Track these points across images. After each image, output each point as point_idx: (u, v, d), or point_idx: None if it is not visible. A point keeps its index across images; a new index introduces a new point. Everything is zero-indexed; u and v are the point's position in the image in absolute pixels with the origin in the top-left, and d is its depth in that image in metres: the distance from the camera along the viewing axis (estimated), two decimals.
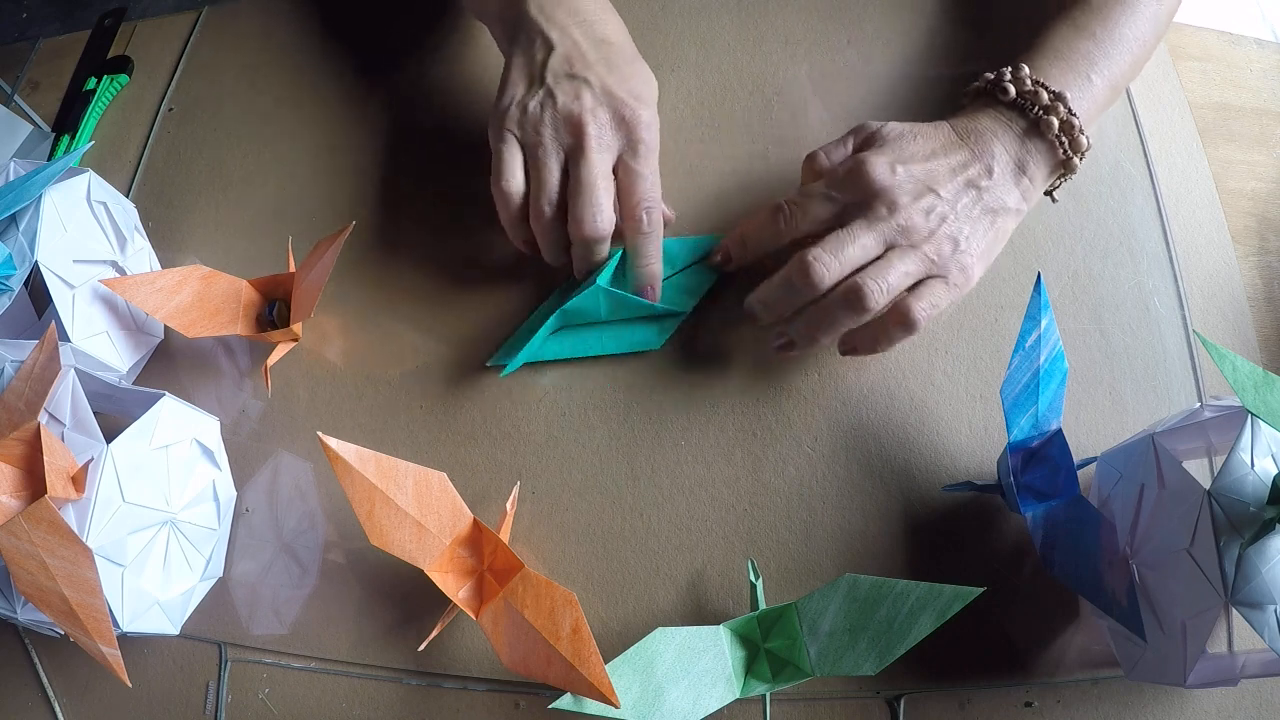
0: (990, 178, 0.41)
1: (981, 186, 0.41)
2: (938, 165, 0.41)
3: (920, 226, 0.40)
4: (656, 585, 0.41)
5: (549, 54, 0.44)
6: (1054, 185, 0.44)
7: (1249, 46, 0.53)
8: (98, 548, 0.34)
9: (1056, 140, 0.41)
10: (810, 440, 0.43)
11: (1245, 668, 0.34)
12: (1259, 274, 0.46)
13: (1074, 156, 0.42)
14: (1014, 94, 0.42)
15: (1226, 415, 0.34)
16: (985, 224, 0.41)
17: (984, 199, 0.41)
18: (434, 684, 0.40)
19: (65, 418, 0.36)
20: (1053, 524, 0.36)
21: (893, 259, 0.39)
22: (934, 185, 0.40)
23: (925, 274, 0.40)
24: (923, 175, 0.41)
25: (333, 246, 0.44)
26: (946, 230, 0.40)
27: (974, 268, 0.41)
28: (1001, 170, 0.42)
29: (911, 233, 0.40)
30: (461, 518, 0.38)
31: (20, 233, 0.40)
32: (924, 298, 0.39)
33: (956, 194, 0.41)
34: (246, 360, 0.48)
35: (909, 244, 0.40)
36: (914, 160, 0.41)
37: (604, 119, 0.43)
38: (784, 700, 0.39)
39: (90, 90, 0.56)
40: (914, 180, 0.40)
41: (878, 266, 0.39)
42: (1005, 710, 0.38)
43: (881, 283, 0.39)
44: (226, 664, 0.41)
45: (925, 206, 0.40)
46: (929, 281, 0.40)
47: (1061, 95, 0.41)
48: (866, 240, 0.39)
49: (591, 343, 0.45)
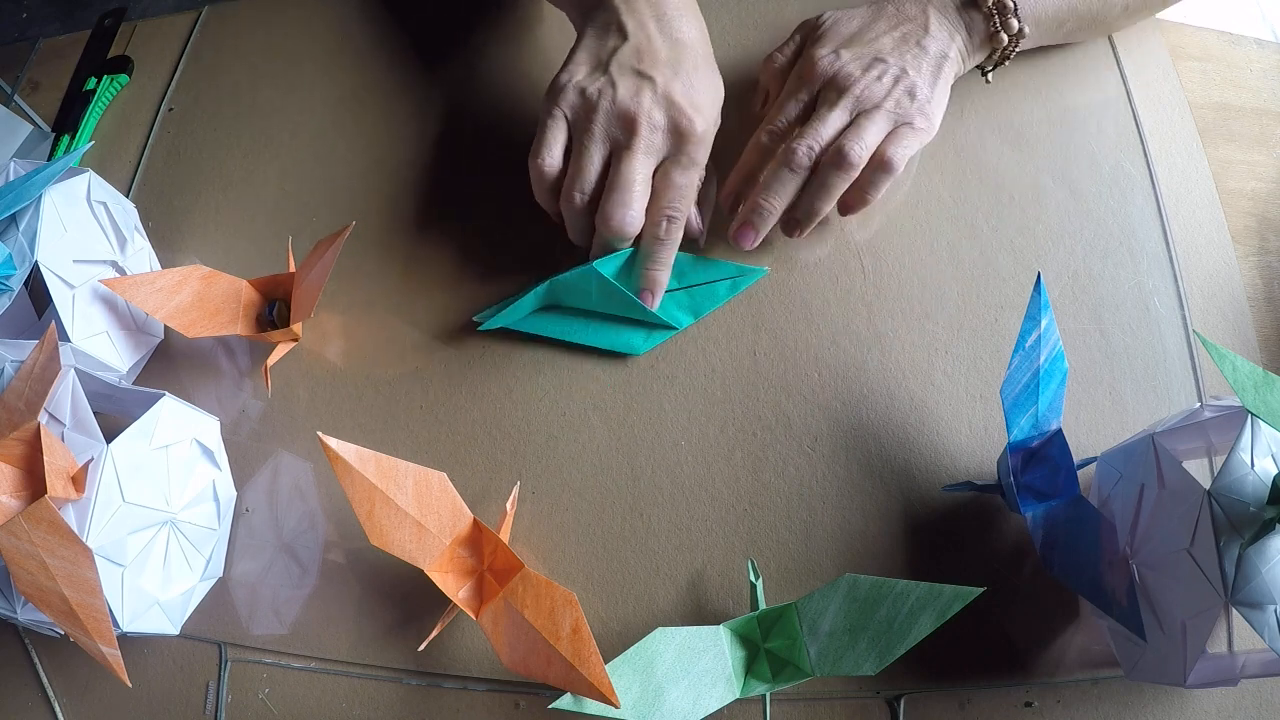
0: (928, 33, 0.46)
1: (922, 43, 0.45)
2: (880, 39, 0.46)
3: (877, 91, 0.44)
4: (656, 585, 0.41)
5: (621, 43, 0.44)
6: (987, 66, 0.48)
7: (1249, 46, 0.53)
8: (98, 548, 0.34)
9: (989, 13, 0.45)
10: (810, 440, 0.43)
11: (1245, 668, 0.34)
12: (1259, 274, 0.46)
13: (1002, 33, 0.46)
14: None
15: (1226, 415, 0.34)
16: (932, 71, 0.45)
17: (928, 50, 0.45)
18: (434, 684, 0.40)
19: (65, 418, 0.36)
20: (1053, 524, 0.36)
21: (862, 122, 0.43)
22: (880, 55, 0.45)
23: (894, 125, 0.44)
24: (866, 50, 0.45)
25: (333, 246, 0.44)
26: (902, 86, 0.44)
27: (934, 113, 0.45)
28: (937, 24, 0.46)
29: (870, 98, 0.44)
30: (461, 518, 0.38)
31: (20, 233, 0.40)
32: (896, 143, 0.44)
33: (901, 54, 0.45)
34: (246, 360, 0.48)
35: (873, 106, 0.44)
36: (855, 40, 0.46)
37: (659, 122, 0.43)
38: (784, 700, 0.39)
39: (90, 90, 0.56)
40: (859, 57, 0.45)
41: (851, 131, 0.43)
42: (1005, 710, 0.38)
43: (859, 143, 0.43)
44: (226, 664, 0.41)
45: (877, 74, 0.44)
46: (898, 129, 0.44)
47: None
48: (833, 117, 0.44)
49: (576, 329, 0.46)
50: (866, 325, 0.45)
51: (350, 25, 0.59)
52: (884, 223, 0.48)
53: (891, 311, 0.46)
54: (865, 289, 0.46)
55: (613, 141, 0.43)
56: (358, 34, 0.58)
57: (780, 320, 0.46)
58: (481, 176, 0.51)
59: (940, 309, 0.45)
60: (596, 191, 0.44)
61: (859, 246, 0.47)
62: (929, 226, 0.47)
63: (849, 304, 0.46)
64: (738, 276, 0.46)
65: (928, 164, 0.49)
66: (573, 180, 0.43)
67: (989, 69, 0.49)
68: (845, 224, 0.48)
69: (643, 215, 0.43)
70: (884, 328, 0.45)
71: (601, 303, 0.45)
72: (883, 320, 0.45)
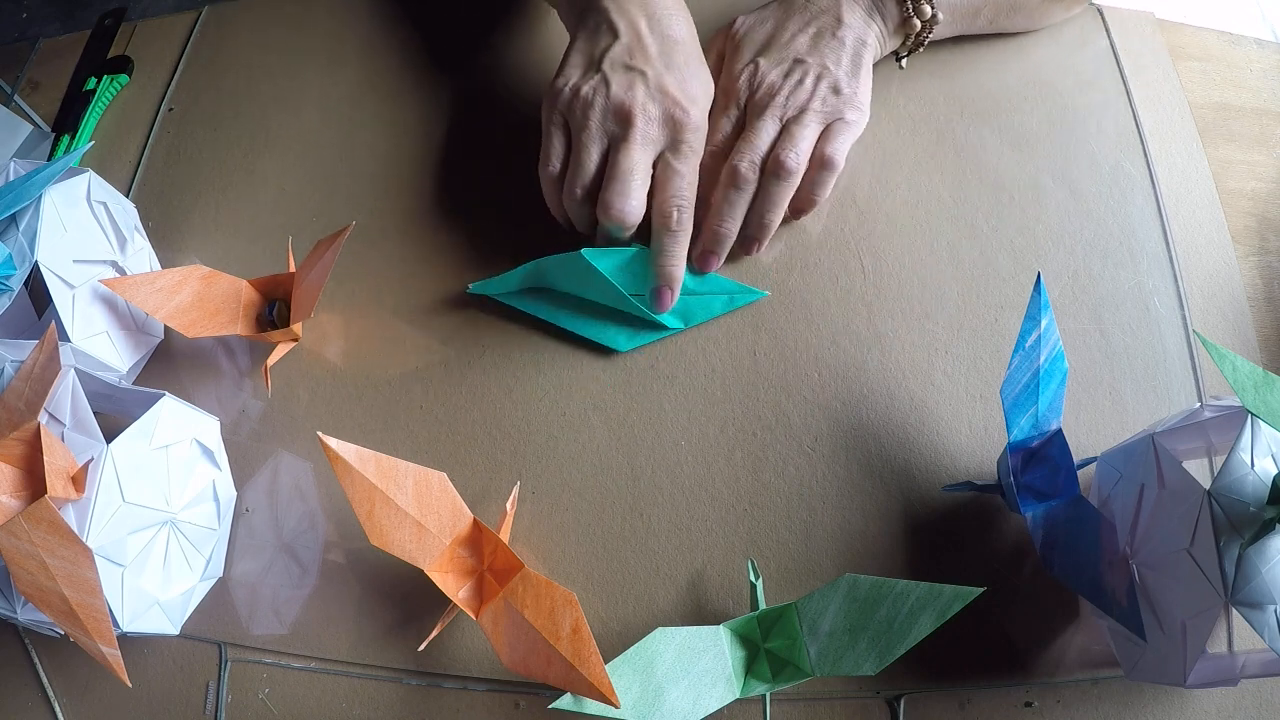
0: (842, 23, 0.46)
1: (838, 34, 0.46)
2: (793, 37, 0.46)
3: (801, 95, 0.45)
4: (656, 585, 0.41)
5: (612, 43, 0.45)
6: (902, 52, 0.49)
7: (1249, 46, 0.53)
8: (98, 548, 0.34)
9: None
10: (810, 440, 0.43)
11: (1245, 668, 0.34)
12: (1259, 274, 0.46)
13: (915, 18, 0.46)
14: None
15: (1226, 415, 0.34)
16: (852, 62, 0.46)
17: (844, 42, 0.46)
18: (434, 684, 0.40)
19: (65, 418, 0.36)
20: (1053, 524, 0.36)
21: (793, 129, 0.44)
22: (797, 56, 0.45)
23: (826, 124, 0.45)
24: (783, 53, 0.46)
25: (333, 246, 0.44)
26: (826, 84, 0.45)
27: (863, 101, 0.46)
28: (849, 13, 0.46)
29: (796, 103, 0.45)
30: (461, 518, 0.38)
31: (20, 233, 0.40)
32: (831, 140, 0.45)
33: (818, 51, 0.45)
34: (246, 360, 0.48)
35: (802, 108, 0.44)
36: (771, 45, 0.46)
37: (654, 114, 0.43)
38: (784, 700, 0.39)
39: (90, 90, 0.56)
40: (777, 63, 0.46)
41: (785, 139, 0.44)
42: (1005, 710, 0.38)
43: (793, 150, 0.44)
44: (226, 664, 0.41)
45: (798, 77, 0.45)
46: (831, 127, 0.45)
47: None
48: (766, 128, 0.44)
49: (563, 315, 0.46)
50: (866, 325, 0.45)
51: (350, 25, 0.59)
52: (884, 223, 0.48)
53: (891, 311, 0.46)
54: (865, 289, 0.46)
55: (610, 136, 0.44)
56: (358, 34, 0.58)
57: (780, 320, 0.46)
58: (484, 176, 0.51)
59: (940, 309, 0.45)
60: (595, 185, 0.44)
61: (859, 246, 0.47)
62: (929, 226, 0.47)
63: (849, 304, 0.46)
64: (736, 294, 0.46)
65: (928, 164, 0.49)
66: (573, 176, 0.44)
67: (904, 55, 0.49)
68: (845, 224, 0.48)
69: (643, 204, 0.43)
70: (884, 328, 0.45)
71: (590, 291, 0.45)
72: (883, 320, 0.45)
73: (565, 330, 0.46)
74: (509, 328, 0.47)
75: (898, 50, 0.49)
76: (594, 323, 0.46)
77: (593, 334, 0.45)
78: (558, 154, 0.45)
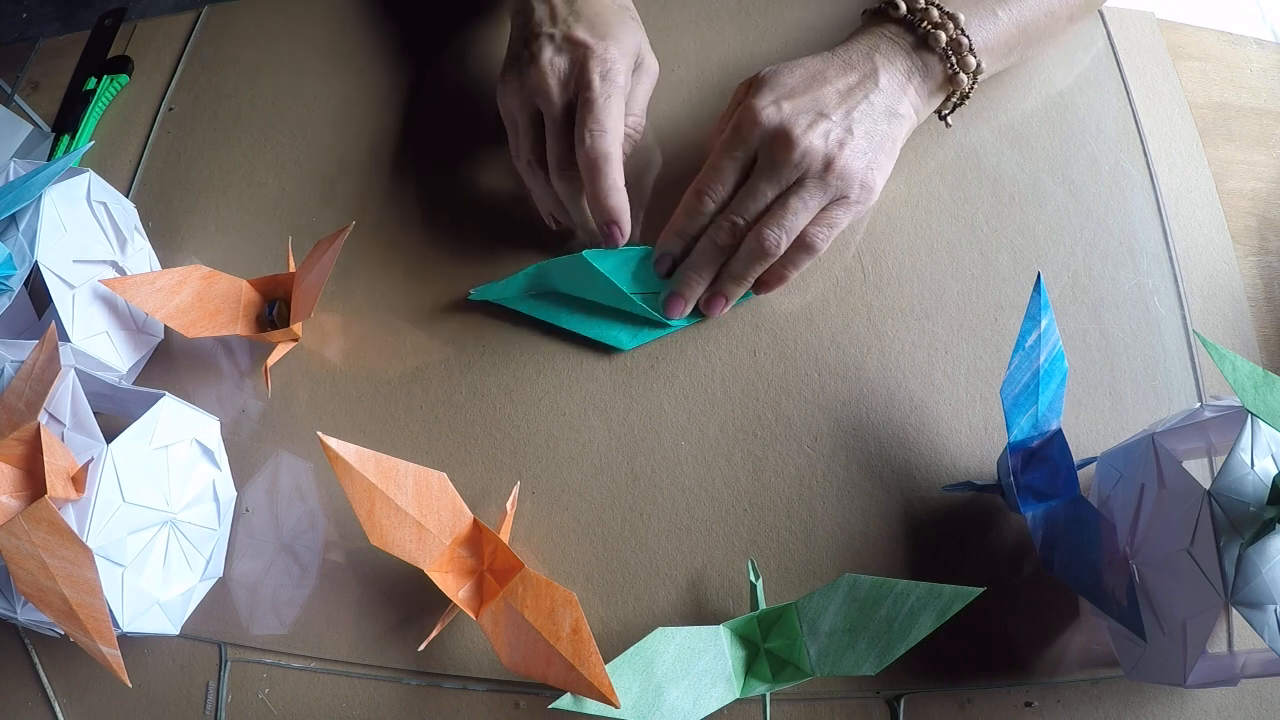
0: (877, 86, 0.42)
1: (871, 98, 0.42)
2: (822, 90, 0.42)
3: (819, 151, 0.40)
4: (656, 585, 0.41)
5: (528, 20, 0.45)
6: (946, 108, 0.46)
7: (1249, 46, 0.53)
8: (98, 548, 0.34)
9: (944, 54, 0.42)
10: (810, 440, 0.43)
11: (1245, 668, 0.34)
12: (1259, 274, 0.46)
13: (961, 73, 0.43)
14: (904, 10, 0.43)
15: (1226, 415, 0.34)
16: (882, 133, 0.42)
17: (875, 107, 0.42)
18: (434, 684, 0.40)
19: (65, 418, 0.36)
20: (1053, 524, 0.36)
21: (791, 201, 0.41)
22: (824, 109, 0.41)
23: (827, 201, 0.41)
24: (810, 104, 0.41)
25: (333, 246, 0.44)
26: (849, 150, 0.41)
27: (875, 179, 0.42)
28: (889, 78, 0.43)
29: (811, 160, 0.40)
30: (461, 518, 0.38)
31: (20, 233, 0.40)
32: (824, 221, 0.42)
33: (848, 111, 0.42)
34: (246, 360, 0.48)
35: (811, 175, 0.41)
36: (797, 92, 0.42)
37: (560, 66, 0.43)
38: (784, 700, 0.39)
39: (90, 90, 0.56)
40: (801, 110, 0.41)
41: (778, 210, 0.41)
42: (1005, 710, 0.38)
43: (779, 229, 0.41)
44: (226, 664, 0.41)
45: (821, 132, 0.41)
46: (830, 206, 0.41)
47: (954, 15, 0.43)
48: (768, 190, 0.41)
49: (565, 316, 0.46)
50: (866, 325, 0.45)
51: (351, 25, 0.59)
52: (884, 223, 0.48)
53: (891, 311, 0.46)
54: (865, 289, 0.46)
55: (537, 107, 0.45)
56: (358, 34, 0.58)
57: (780, 320, 0.46)
58: (484, 175, 0.51)
59: (940, 309, 0.45)
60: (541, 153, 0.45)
61: (859, 246, 0.47)
62: (929, 226, 0.47)
63: (849, 304, 0.46)
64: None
65: (928, 164, 0.49)
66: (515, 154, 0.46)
67: (947, 112, 0.46)
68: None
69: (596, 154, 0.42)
70: (884, 328, 0.45)
71: (593, 292, 0.45)
72: (883, 320, 0.45)
73: (566, 330, 0.46)
74: (509, 328, 0.47)
75: (940, 109, 0.46)
76: (596, 322, 0.46)
77: (596, 333, 0.45)
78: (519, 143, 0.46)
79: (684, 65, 0.53)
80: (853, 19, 0.54)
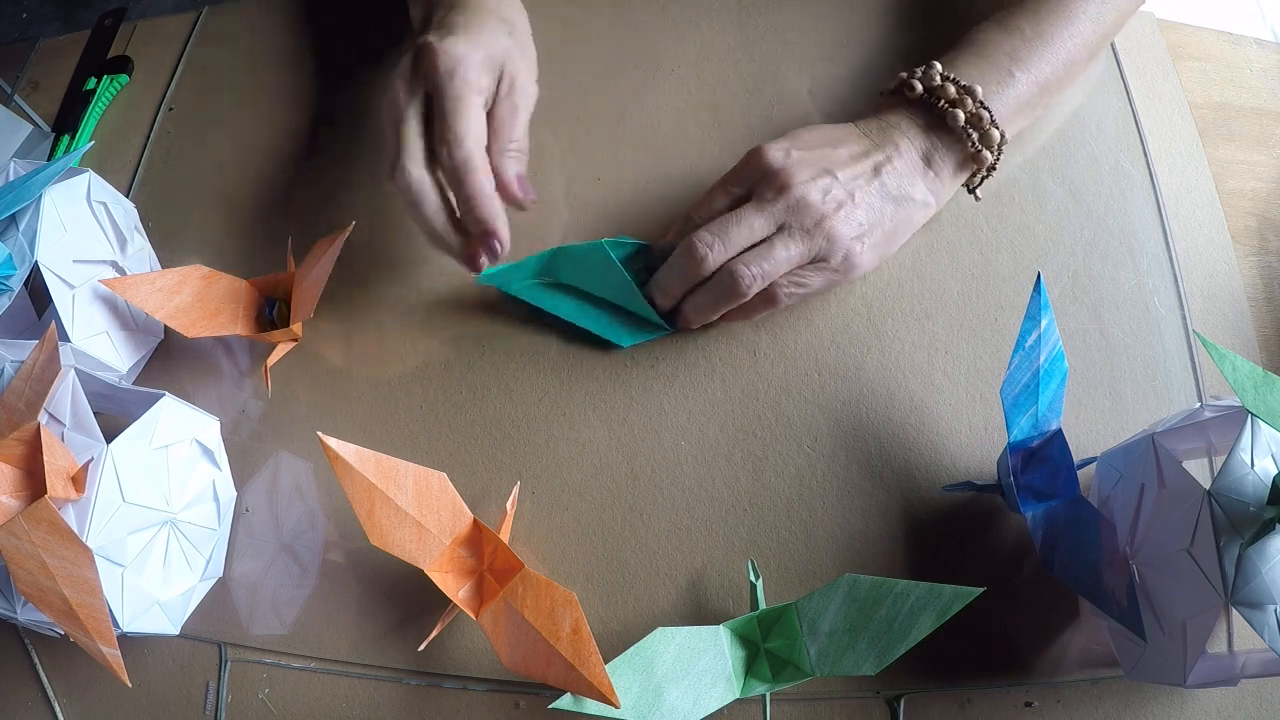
0: (892, 166, 0.41)
1: (883, 173, 0.41)
2: (836, 151, 0.41)
3: (814, 205, 0.39)
4: (656, 585, 0.41)
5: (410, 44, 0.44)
6: (974, 182, 0.44)
7: (1249, 46, 0.53)
8: (98, 548, 0.34)
9: (964, 132, 0.41)
10: (810, 440, 0.43)
11: (1245, 668, 0.34)
12: (1259, 274, 0.46)
13: (984, 150, 0.42)
14: (920, 90, 0.42)
15: (1226, 415, 0.34)
16: (885, 212, 0.41)
17: (885, 185, 0.41)
18: (434, 684, 0.40)
19: (65, 418, 0.36)
20: (1053, 524, 0.36)
21: (775, 243, 0.39)
22: (831, 168, 0.40)
23: (809, 258, 0.40)
24: (819, 159, 0.41)
25: (333, 246, 0.44)
26: (843, 214, 0.40)
27: (862, 255, 0.40)
28: (906, 161, 0.41)
29: (804, 211, 0.39)
30: (461, 518, 0.38)
31: (20, 233, 0.40)
32: (796, 280, 0.40)
33: (854, 177, 0.40)
34: (246, 360, 0.48)
35: (799, 226, 0.39)
36: (810, 147, 0.41)
37: (406, 68, 0.42)
38: (784, 700, 0.39)
39: (90, 90, 0.56)
40: (809, 163, 0.40)
41: (758, 251, 0.40)
42: (1005, 710, 0.38)
43: (757, 268, 0.39)
44: (226, 664, 0.41)
45: (821, 187, 0.40)
46: (805, 269, 0.40)
47: (971, 89, 0.41)
48: (754, 221, 0.40)
49: (570, 308, 0.46)
50: (866, 325, 0.45)
51: (350, 24, 0.59)
52: None
53: (891, 311, 0.46)
54: (865, 289, 0.46)
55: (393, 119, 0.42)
56: (358, 33, 0.58)
57: (780, 320, 0.46)
58: None
59: (940, 309, 0.45)
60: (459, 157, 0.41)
61: None
62: (929, 226, 0.47)
63: (849, 304, 0.46)
64: None
65: None
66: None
67: (976, 185, 0.45)
68: None
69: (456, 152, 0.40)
70: (884, 328, 0.45)
71: (602, 285, 0.45)
72: (883, 320, 0.45)
73: (566, 330, 0.46)
74: (509, 328, 0.47)
75: (968, 183, 0.44)
76: (598, 316, 0.45)
77: (596, 327, 0.45)
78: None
79: (684, 65, 0.53)
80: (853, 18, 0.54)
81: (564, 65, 0.54)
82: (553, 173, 0.51)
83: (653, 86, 0.53)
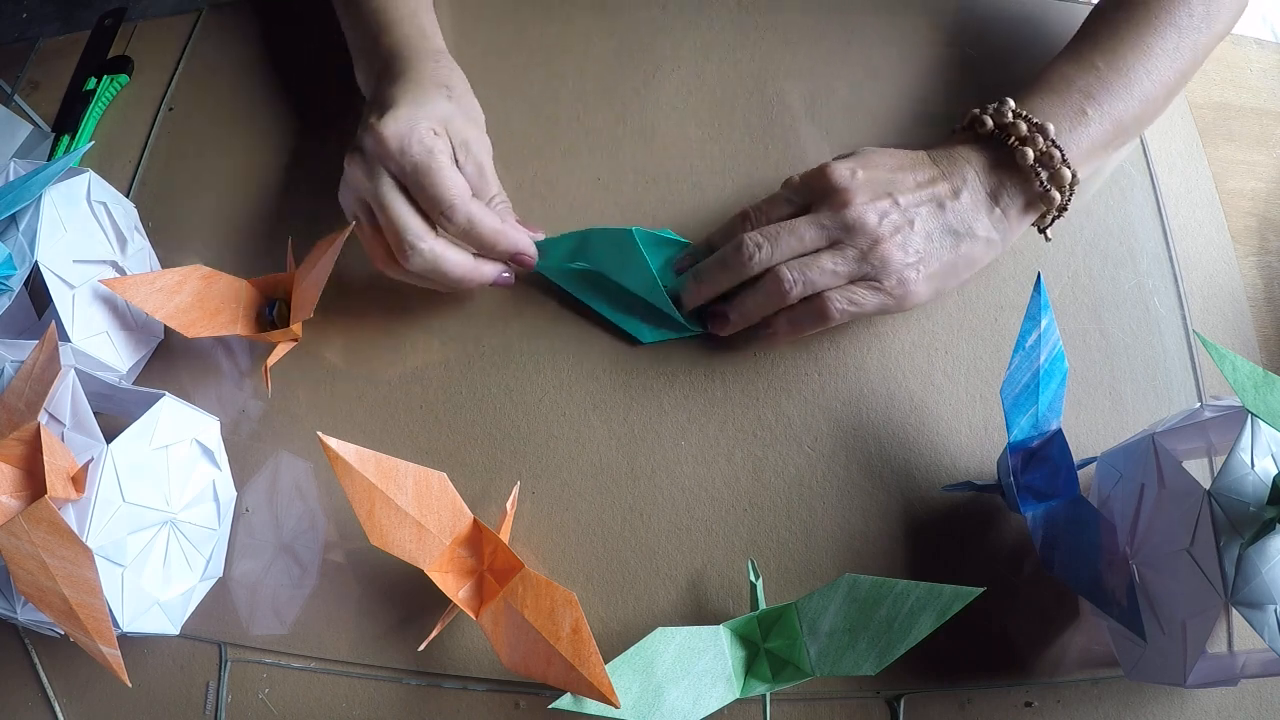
0: (957, 199, 0.41)
1: (945, 205, 0.40)
2: (902, 176, 0.41)
3: (870, 226, 0.39)
4: (656, 585, 0.41)
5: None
6: (1044, 222, 0.43)
7: (1249, 46, 0.53)
8: (98, 548, 0.34)
9: (1032, 171, 0.40)
10: (810, 440, 0.43)
11: (1245, 668, 0.34)
12: (1259, 274, 0.46)
13: (1053, 190, 0.40)
14: (991, 126, 0.42)
15: (1226, 415, 0.34)
16: (945, 244, 0.40)
17: (946, 217, 0.40)
18: (434, 684, 0.40)
19: (65, 418, 0.36)
20: (1053, 524, 0.36)
21: (823, 255, 0.40)
22: (893, 192, 0.40)
23: (858, 275, 0.40)
24: (883, 182, 0.40)
25: (333, 246, 0.44)
26: (899, 239, 0.39)
27: (917, 283, 0.40)
28: (972, 196, 0.41)
29: (859, 231, 0.39)
30: (461, 518, 0.38)
31: (20, 233, 0.40)
32: (846, 294, 0.40)
33: (916, 205, 0.40)
34: (246, 360, 0.48)
35: (852, 245, 0.39)
36: (878, 168, 0.41)
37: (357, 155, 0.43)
38: (784, 700, 0.39)
39: (90, 90, 0.56)
40: (873, 184, 0.40)
41: (805, 259, 0.40)
42: (1005, 710, 0.38)
43: (800, 274, 0.39)
44: (226, 664, 0.41)
45: (880, 209, 0.39)
46: (857, 284, 0.40)
47: (1043, 127, 0.40)
48: (807, 232, 0.40)
49: (591, 295, 0.46)
50: (866, 325, 0.45)
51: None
52: None
53: None
54: None
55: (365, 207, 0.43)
56: None
57: None
58: None
59: (940, 309, 0.45)
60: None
61: None
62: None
63: None
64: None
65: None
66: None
67: (1046, 226, 0.43)
68: None
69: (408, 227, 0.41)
70: (884, 328, 0.45)
71: (626, 274, 0.45)
72: (883, 320, 0.45)
73: (567, 330, 0.46)
74: (509, 328, 0.47)
75: (1038, 223, 0.43)
76: (623, 309, 0.45)
77: (619, 320, 0.45)
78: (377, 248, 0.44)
79: (684, 65, 0.53)
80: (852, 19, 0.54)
81: (564, 66, 0.54)
82: (552, 173, 0.51)
83: (653, 86, 0.53)
